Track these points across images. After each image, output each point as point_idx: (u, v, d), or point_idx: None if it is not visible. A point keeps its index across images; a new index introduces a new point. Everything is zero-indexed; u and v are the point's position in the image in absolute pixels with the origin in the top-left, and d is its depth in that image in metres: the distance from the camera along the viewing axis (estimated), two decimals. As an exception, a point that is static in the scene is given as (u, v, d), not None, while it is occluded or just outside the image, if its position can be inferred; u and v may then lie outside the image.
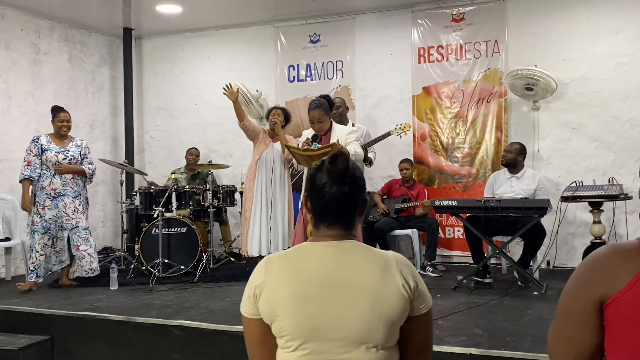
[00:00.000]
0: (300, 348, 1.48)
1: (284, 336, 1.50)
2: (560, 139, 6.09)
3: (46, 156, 5.30)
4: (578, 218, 5.94)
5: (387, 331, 1.47)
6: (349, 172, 1.56)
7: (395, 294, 1.48)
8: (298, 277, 1.51)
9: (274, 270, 1.54)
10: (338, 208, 1.56)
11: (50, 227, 5.29)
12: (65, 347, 4.43)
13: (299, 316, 1.48)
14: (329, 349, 1.46)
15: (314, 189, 1.58)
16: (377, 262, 1.52)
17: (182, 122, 7.81)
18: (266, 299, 1.52)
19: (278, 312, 1.50)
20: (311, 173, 1.62)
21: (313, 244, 1.58)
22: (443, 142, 6.51)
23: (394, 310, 1.48)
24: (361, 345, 1.46)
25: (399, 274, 1.51)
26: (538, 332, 3.67)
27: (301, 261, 1.54)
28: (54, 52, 6.93)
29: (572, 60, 6.00)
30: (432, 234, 5.91)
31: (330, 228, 1.58)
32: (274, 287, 1.51)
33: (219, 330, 3.95)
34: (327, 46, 7.02)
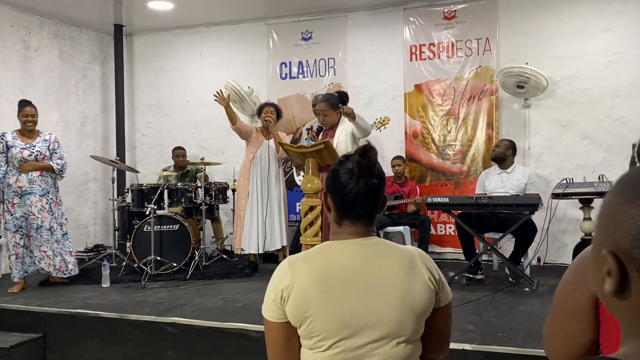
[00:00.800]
0: (332, 347, 1.48)
1: (315, 336, 1.49)
2: (551, 137, 6.14)
3: (11, 153, 5.11)
4: (568, 215, 5.99)
5: (416, 324, 1.51)
6: (377, 165, 1.58)
7: (423, 287, 1.52)
8: (326, 276, 1.51)
9: (301, 271, 1.52)
10: (365, 203, 1.56)
11: (22, 225, 5.16)
12: (57, 344, 4.41)
13: (330, 315, 1.47)
14: (362, 345, 1.48)
15: (339, 184, 1.56)
16: (402, 257, 1.55)
17: (173, 119, 7.79)
18: (295, 301, 1.50)
19: (309, 312, 1.48)
20: (334, 168, 1.60)
21: (337, 243, 1.57)
22: (435, 139, 6.54)
23: (423, 302, 1.51)
24: (393, 339, 1.48)
25: (424, 267, 1.55)
26: (530, 327, 3.71)
27: (328, 260, 1.54)
28: (45, 49, 6.89)
29: (563, 58, 6.04)
30: (424, 231, 5.94)
31: (355, 224, 1.57)
32: (302, 288, 1.50)
33: (212, 328, 3.95)
34: (319, 43, 7.03)
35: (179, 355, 4.04)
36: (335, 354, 1.48)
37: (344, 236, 1.58)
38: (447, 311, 1.61)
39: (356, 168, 1.55)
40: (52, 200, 5.30)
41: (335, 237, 1.60)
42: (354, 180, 1.55)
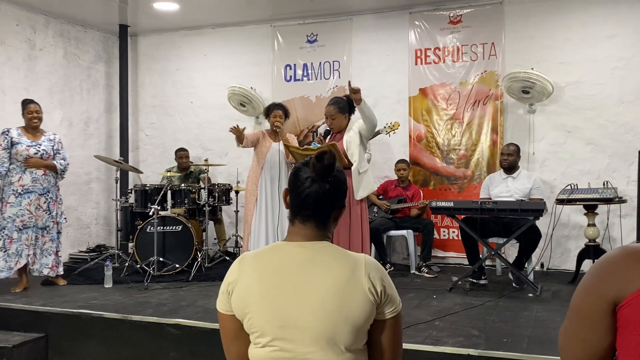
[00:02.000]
0: (268, 345, 1.52)
1: (254, 332, 1.54)
2: (555, 142, 6.13)
3: (16, 150, 5.09)
4: (572, 221, 5.98)
5: (352, 333, 1.49)
6: (333, 171, 1.58)
7: (361, 298, 1.50)
8: (269, 275, 1.54)
9: (247, 268, 1.57)
10: (315, 205, 1.58)
11: (5, 227, 5.08)
12: (60, 344, 4.40)
13: (267, 314, 1.51)
14: (295, 347, 1.49)
15: (296, 183, 1.60)
16: (346, 264, 1.54)
17: (177, 120, 7.79)
18: (238, 296, 1.55)
19: (248, 309, 1.53)
20: (296, 166, 1.65)
21: (286, 244, 1.60)
22: (439, 143, 6.53)
23: (359, 313, 1.49)
24: (327, 345, 1.48)
25: (367, 277, 1.52)
26: (534, 333, 3.70)
27: (273, 260, 1.57)
28: (49, 48, 6.89)
29: (569, 64, 6.04)
30: (428, 235, 5.93)
31: (305, 224, 1.59)
32: (245, 284, 1.55)
33: (215, 329, 3.92)
34: (324, 46, 7.02)
35: (181, 356, 4.03)
36: (270, 352, 1.51)
37: (294, 237, 1.60)
38: (392, 324, 1.57)
39: (311, 170, 1.58)
40: (52, 199, 5.29)
41: (288, 237, 1.63)
42: (308, 182, 1.58)
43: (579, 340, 1.22)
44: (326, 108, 4.72)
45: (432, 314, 4.20)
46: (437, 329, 3.85)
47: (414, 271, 5.95)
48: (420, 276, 5.78)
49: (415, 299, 4.74)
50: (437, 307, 4.46)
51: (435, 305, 4.51)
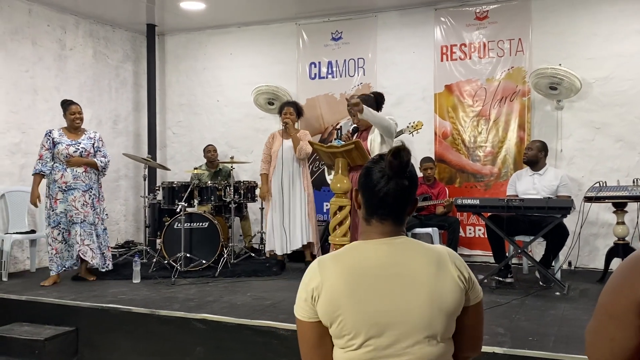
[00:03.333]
0: (363, 345, 1.49)
1: (346, 335, 1.50)
2: (583, 139, 6.04)
3: (57, 149, 5.30)
4: (601, 219, 5.89)
5: (446, 322, 1.51)
6: (409, 166, 1.59)
7: (452, 286, 1.52)
8: (356, 275, 1.52)
9: (330, 270, 1.54)
10: (394, 202, 1.58)
11: (60, 221, 5.30)
12: (89, 338, 4.50)
13: (360, 313, 1.49)
14: (392, 343, 1.48)
15: (370, 182, 1.58)
16: (431, 255, 1.55)
17: (203, 118, 7.87)
18: (325, 300, 1.51)
19: (339, 311, 1.50)
20: (368, 166, 1.63)
21: (365, 243, 1.59)
22: (465, 140, 6.49)
23: (452, 301, 1.51)
24: (423, 338, 1.49)
25: (454, 265, 1.55)
26: (561, 332, 3.66)
27: (357, 259, 1.55)
28: (79, 48, 7.02)
29: (597, 60, 5.94)
30: (453, 233, 5.90)
31: (383, 223, 1.59)
32: (332, 287, 1.51)
33: (242, 325, 3.99)
34: (348, 44, 7.03)
35: (207, 351, 4.09)
36: (366, 352, 1.49)
37: (371, 235, 1.60)
38: (477, 310, 1.60)
39: (388, 168, 1.56)
40: (95, 196, 5.48)
41: (364, 236, 1.61)
42: (384, 180, 1.56)
43: (607, 340, 1.21)
44: None
45: (457, 312, 4.18)
46: (462, 326, 3.83)
47: (439, 269, 5.91)
48: (446, 274, 5.74)
49: (440, 297, 4.71)
50: (462, 304, 4.43)
51: (461, 303, 4.48)
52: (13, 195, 6.02)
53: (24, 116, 6.27)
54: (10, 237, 5.72)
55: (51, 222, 5.30)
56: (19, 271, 6.08)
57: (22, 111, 6.25)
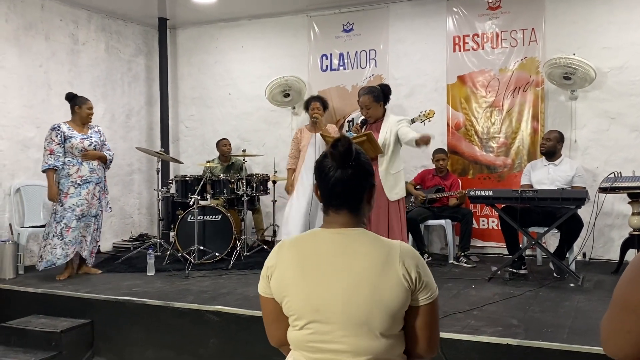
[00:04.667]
0: (305, 327, 1.56)
1: (291, 315, 1.60)
2: (598, 129, 5.98)
3: (71, 143, 5.25)
4: (616, 210, 5.84)
5: (387, 319, 1.51)
6: (352, 155, 1.60)
7: (395, 284, 1.52)
8: (305, 261, 1.59)
9: (285, 254, 1.63)
10: (343, 191, 1.60)
11: (65, 216, 5.24)
12: (105, 330, 4.55)
13: (303, 298, 1.56)
14: (330, 330, 1.53)
15: (320, 174, 1.64)
16: (381, 250, 1.56)
17: (215, 111, 7.89)
18: (276, 280, 1.61)
19: (285, 292, 1.59)
20: (318, 159, 1.67)
21: (322, 231, 1.64)
22: (478, 131, 6.45)
23: (393, 299, 1.51)
24: (361, 330, 1.51)
25: (401, 264, 1.53)
26: (575, 323, 3.64)
27: (310, 246, 1.62)
28: (92, 42, 7.06)
29: (612, 49, 5.87)
30: (466, 225, 5.88)
31: (338, 213, 1.62)
32: (283, 269, 1.60)
33: (255, 316, 4.00)
34: (360, 35, 7.00)
35: (221, 342, 4.12)
36: (307, 335, 1.56)
37: (331, 225, 1.63)
38: (428, 311, 1.57)
39: (330, 159, 1.61)
40: (101, 189, 5.49)
41: (324, 225, 1.65)
42: (332, 170, 1.60)
43: (623, 332, 1.19)
44: (360, 98, 4.72)
45: (471, 304, 4.17)
46: (476, 318, 3.82)
47: (452, 261, 5.91)
48: (459, 266, 5.74)
49: (453, 289, 4.71)
50: (475, 296, 4.42)
51: (474, 295, 4.48)
52: (28, 189, 6.08)
53: (38, 111, 6.32)
54: (26, 231, 5.78)
55: (57, 217, 5.24)
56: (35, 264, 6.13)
57: (36, 106, 6.30)
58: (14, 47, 6.08)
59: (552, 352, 3.24)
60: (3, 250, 5.38)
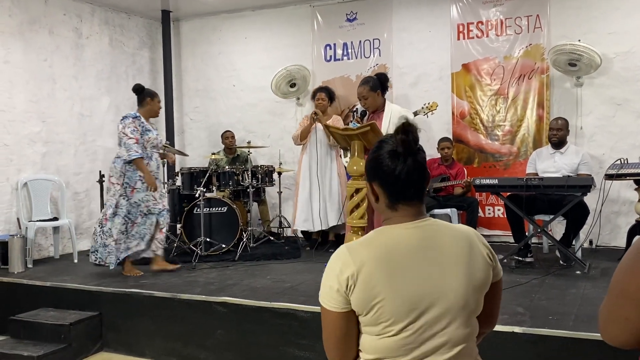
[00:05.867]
0: (403, 330, 1.46)
1: (383, 322, 1.46)
2: (604, 116, 5.94)
3: (148, 137, 5.04)
4: (622, 196, 5.81)
5: (479, 298, 1.53)
6: (418, 140, 1.55)
7: (483, 262, 1.54)
8: (391, 260, 1.47)
9: (363, 257, 1.47)
10: (418, 180, 1.53)
11: (130, 211, 5.01)
12: (113, 322, 4.59)
13: (399, 299, 1.45)
14: (430, 326, 1.47)
15: (387, 169, 1.52)
16: (460, 234, 1.55)
17: (220, 103, 7.89)
18: (361, 289, 1.45)
19: (377, 299, 1.45)
20: (374, 155, 1.56)
21: (392, 227, 1.54)
22: (483, 120, 6.42)
23: (483, 277, 1.53)
24: (462, 316, 1.49)
25: (481, 243, 1.57)
26: (581, 311, 3.64)
27: (389, 244, 1.50)
28: (95, 36, 7.06)
29: (618, 34, 5.82)
30: (472, 213, 5.86)
31: (411, 205, 1.54)
32: (368, 274, 1.45)
33: (262, 307, 4.03)
34: (364, 24, 6.97)
35: (228, 333, 4.15)
36: (404, 338, 1.46)
37: (399, 220, 1.54)
38: (499, 286, 1.64)
39: (401, 147, 1.50)
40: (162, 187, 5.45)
41: (390, 222, 1.55)
42: (401, 161, 1.50)
43: (621, 320, 1.19)
44: (357, 90, 4.72)
45: (476, 292, 4.17)
46: (481, 306, 3.82)
47: (458, 249, 5.90)
48: (465, 254, 5.73)
49: (460, 277, 4.71)
50: (481, 285, 4.42)
51: (480, 283, 4.47)
52: (35, 183, 6.12)
53: (44, 105, 6.35)
54: (34, 225, 5.83)
55: (120, 212, 4.97)
56: (43, 258, 6.20)
57: (41, 100, 6.33)
58: (19, 42, 6.09)
59: (557, 339, 3.24)
60: (12, 244, 5.42)
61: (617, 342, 1.21)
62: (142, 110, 5.16)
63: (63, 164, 6.55)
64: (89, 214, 6.88)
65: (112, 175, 5.06)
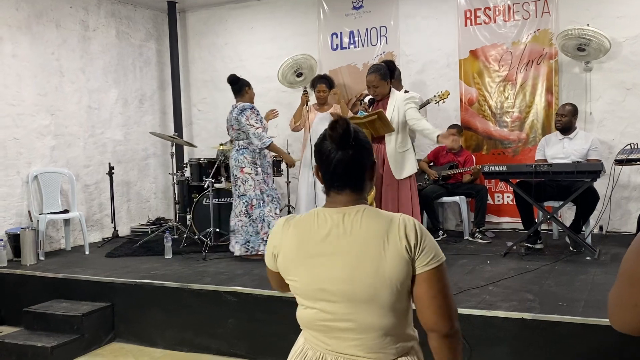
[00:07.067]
0: (311, 307, 1.59)
1: (297, 294, 1.63)
2: (613, 100, 5.89)
3: (264, 122, 5.36)
4: (632, 181, 5.78)
5: (392, 294, 1.50)
6: (351, 135, 1.58)
7: (396, 256, 1.50)
8: (308, 242, 1.59)
9: (289, 234, 1.64)
10: (345, 172, 1.59)
11: (273, 195, 5.32)
12: (125, 313, 4.64)
13: (308, 279, 1.57)
14: (337, 310, 1.54)
15: (321, 157, 1.63)
16: (381, 225, 1.54)
17: (227, 94, 7.78)
18: (281, 261, 1.64)
19: (290, 274, 1.62)
20: (316, 142, 1.66)
21: (324, 210, 1.62)
22: (491, 106, 6.39)
23: (396, 272, 1.49)
24: (368, 307, 1.51)
25: (400, 234, 1.51)
26: (591, 297, 3.63)
27: (312, 227, 1.60)
28: (102, 29, 7.07)
29: (627, 18, 5.75)
30: (481, 201, 5.85)
31: (340, 193, 1.61)
32: (287, 250, 1.62)
33: (272, 296, 4.05)
34: (370, 12, 6.93)
35: (239, 322, 4.18)
36: (314, 314, 1.58)
37: (333, 204, 1.62)
38: (430, 278, 1.51)
39: (329, 141, 1.60)
40: None
41: (326, 205, 1.65)
42: (333, 152, 1.59)
43: (631, 306, 1.18)
44: (367, 77, 4.69)
45: (486, 279, 4.18)
46: (491, 293, 3.83)
47: (467, 237, 5.90)
48: (474, 242, 5.73)
49: (469, 265, 4.71)
50: (490, 272, 4.43)
51: (489, 271, 4.48)
52: (46, 176, 6.16)
53: (52, 98, 6.38)
54: (45, 218, 5.87)
55: (266, 198, 5.25)
56: (55, 250, 6.25)
57: (50, 93, 6.35)
58: (26, 36, 6.11)
59: (567, 325, 3.24)
60: (23, 237, 5.47)
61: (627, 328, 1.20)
62: (243, 99, 5.43)
63: (73, 156, 6.59)
64: (99, 206, 6.93)
65: (243, 167, 5.25)
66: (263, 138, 5.18)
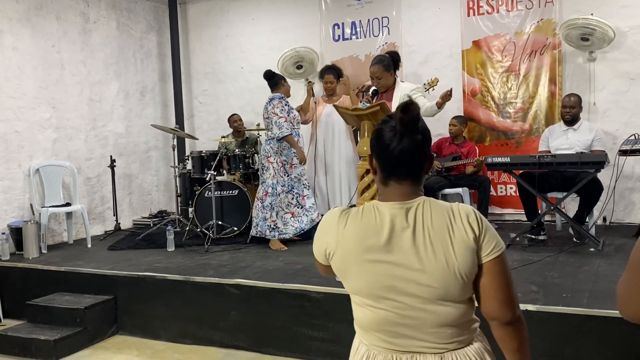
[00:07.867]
0: (375, 307, 1.51)
1: (357, 294, 1.54)
2: (617, 91, 5.85)
3: (294, 114, 5.46)
4: (637, 172, 5.75)
5: (462, 286, 1.46)
6: (421, 121, 1.52)
7: (463, 248, 1.46)
8: (370, 239, 1.50)
9: (347, 232, 1.53)
10: (410, 160, 1.51)
11: (294, 186, 5.46)
12: (127, 305, 4.64)
13: (372, 277, 1.49)
14: (406, 307, 1.47)
15: (383, 143, 1.52)
16: (445, 217, 1.50)
17: (229, 86, 7.86)
18: (339, 261, 1.54)
19: (350, 274, 1.52)
20: (377, 128, 1.56)
21: (383, 204, 1.54)
22: (494, 97, 6.35)
23: (465, 264, 1.46)
24: (438, 302, 1.46)
25: (464, 223, 1.48)
26: (595, 288, 3.62)
27: (373, 222, 1.52)
28: (103, 21, 7.04)
29: (631, 7, 5.70)
30: (484, 192, 5.82)
31: (401, 184, 1.53)
32: (345, 250, 1.52)
33: (274, 289, 4.05)
34: (372, 2, 6.88)
35: (241, 315, 4.17)
36: (379, 314, 1.50)
37: (390, 197, 1.54)
38: (494, 267, 1.48)
39: (399, 125, 1.49)
40: None
41: (382, 197, 1.57)
42: (397, 138, 1.50)
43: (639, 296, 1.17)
44: (371, 68, 4.66)
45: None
46: (494, 285, 3.80)
47: (471, 228, 5.87)
48: (477, 233, 5.70)
49: (472, 256, 4.69)
50: (494, 263, 4.40)
51: (493, 262, 4.45)
52: (47, 169, 6.15)
53: (53, 91, 6.35)
54: (47, 211, 5.86)
55: (284, 188, 5.42)
56: (57, 243, 6.25)
57: (51, 86, 6.33)
58: (26, 28, 6.08)
59: (571, 317, 3.23)
60: (26, 230, 5.47)
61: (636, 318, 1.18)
62: (280, 92, 5.54)
63: (74, 149, 6.58)
64: (101, 198, 6.92)
65: (269, 156, 5.45)
66: (282, 127, 5.32)
